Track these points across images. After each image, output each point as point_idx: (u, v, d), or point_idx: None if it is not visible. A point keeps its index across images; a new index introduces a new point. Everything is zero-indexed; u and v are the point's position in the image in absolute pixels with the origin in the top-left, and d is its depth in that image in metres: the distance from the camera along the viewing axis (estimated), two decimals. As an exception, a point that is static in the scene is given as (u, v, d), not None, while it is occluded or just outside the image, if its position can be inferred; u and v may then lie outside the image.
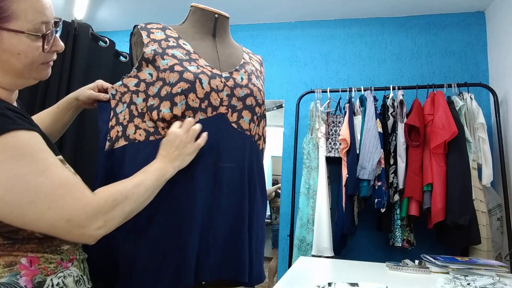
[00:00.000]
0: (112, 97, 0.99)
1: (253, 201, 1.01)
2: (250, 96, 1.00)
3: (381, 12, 2.59)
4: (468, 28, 2.49)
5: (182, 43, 1.00)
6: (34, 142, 0.63)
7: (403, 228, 2.05)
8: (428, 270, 1.36)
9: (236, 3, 2.58)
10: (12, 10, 0.64)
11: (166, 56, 0.94)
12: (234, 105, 0.98)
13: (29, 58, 0.68)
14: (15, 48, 0.66)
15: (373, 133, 2.03)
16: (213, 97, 0.94)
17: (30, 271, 0.65)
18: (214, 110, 0.95)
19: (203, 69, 0.96)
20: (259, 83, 1.08)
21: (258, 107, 1.02)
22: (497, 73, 2.31)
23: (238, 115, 0.98)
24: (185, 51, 0.98)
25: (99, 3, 2.69)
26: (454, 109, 2.00)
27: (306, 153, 2.24)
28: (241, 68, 1.05)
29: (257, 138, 1.06)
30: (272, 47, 2.79)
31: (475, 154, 1.98)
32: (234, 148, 0.96)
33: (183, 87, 0.90)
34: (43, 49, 0.69)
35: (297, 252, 2.13)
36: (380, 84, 2.46)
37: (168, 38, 0.99)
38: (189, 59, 0.96)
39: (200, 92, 0.92)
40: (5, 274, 0.62)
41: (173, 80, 0.91)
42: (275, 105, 2.71)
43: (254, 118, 1.01)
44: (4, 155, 0.59)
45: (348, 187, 2.03)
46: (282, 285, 1.09)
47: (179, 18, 1.23)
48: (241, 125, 0.99)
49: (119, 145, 0.93)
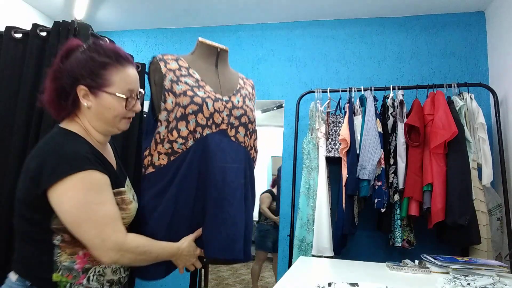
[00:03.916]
0: None
1: (246, 195, 1.25)
2: (244, 116, 1.27)
3: (381, 12, 2.59)
4: (468, 28, 2.49)
5: (192, 72, 1.25)
6: (102, 181, 0.94)
7: (403, 228, 2.05)
8: (428, 270, 1.36)
9: (236, 3, 2.58)
10: (111, 80, 0.98)
11: (180, 83, 1.19)
12: (232, 123, 1.23)
13: (116, 112, 1.00)
14: (108, 104, 0.99)
15: (373, 133, 2.03)
16: (216, 116, 1.20)
17: (82, 260, 0.95)
18: (217, 127, 1.20)
19: (208, 94, 1.21)
20: (251, 104, 1.35)
21: (250, 124, 1.29)
22: (497, 73, 2.31)
23: (235, 131, 1.24)
24: (195, 79, 1.23)
25: (99, 3, 2.69)
26: (454, 109, 2.00)
27: (306, 153, 2.24)
28: (238, 93, 1.32)
29: (250, 148, 1.31)
30: (272, 47, 2.79)
31: (475, 154, 1.98)
32: (234, 156, 1.21)
33: (193, 108, 1.16)
34: (126, 107, 1.01)
35: (297, 252, 2.13)
36: (380, 84, 2.46)
37: (181, 68, 1.24)
38: (198, 85, 1.22)
39: (206, 113, 1.18)
40: (67, 260, 0.93)
41: (186, 103, 1.16)
42: (275, 105, 2.71)
43: (247, 132, 1.28)
44: (81, 185, 0.90)
45: (348, 187, 2.03)
46: (282, 285, 1.09)
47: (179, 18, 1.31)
48: (238, 138, 1.25)
49: (149, 171, 1.20)
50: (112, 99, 0.99)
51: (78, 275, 0.94)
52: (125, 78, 1.01)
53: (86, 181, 0.90)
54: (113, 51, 1.01)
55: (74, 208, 0.89)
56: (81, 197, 0.89)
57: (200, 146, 1.16)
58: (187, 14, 2.77)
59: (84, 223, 0.90)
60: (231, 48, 2.81)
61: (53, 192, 0.88)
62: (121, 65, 1.01)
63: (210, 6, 2.65)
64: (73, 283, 0.93)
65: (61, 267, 0.92)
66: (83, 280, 0.94)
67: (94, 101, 0.99)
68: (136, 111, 1.06)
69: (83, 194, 0.90)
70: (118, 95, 0.99)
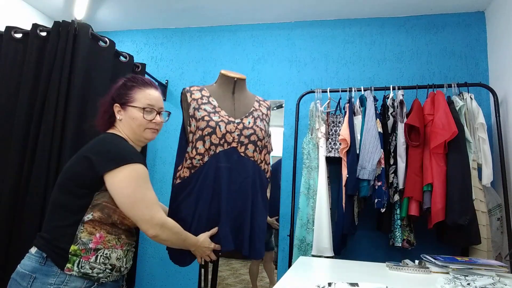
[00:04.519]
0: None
1: (255, 201, 1.48)
2: (254, 134, 1.50)
3: (381, 12, 2.59)
4: (468, 28, 2.49)
5: (211, 100, 1.53)
6: (147, 173, 1.23)
7: (403, 228, 2.04)
8: (428, 270, 1.36)
9: (236, 3, 2.58)
10: (134, 97, 1.32)
11: (200, 110, 1.47)
12: (242, 141, 1.48)
13: (138, 121, 1.30)
14: (132, 114, 1.30)
15: (373, 133, 2.03)
16: (227, 136, 1.45)
17: (97, 241, 1.16)
18: (229, 145, 1.45)
19: (222, 118, 1.47)
20: (262, 124, 1.56)
21: (259, 141, 1.51)
22: (497, 73, 2.31)
23: (245, 147, 1.48)
24: (212, 105, 1.51)
25: (99, 3, 2.69)
26: (454, 109, 2.00)
27: (306, 153, 2.24)
28: (250, 115, 1.55)
29: (259, 162, 1.53)
30: (272, 47, 2.79)
31: (475, 154, 1.98)
32: (242, 168, 1.46)
33: (208, 131, 1.43)
34: (144, 117, 1.30)
35: (297, 252, 2.13)
36: (380, 84, 2.46)
37: (203, 97, 1.52)
38: (214, 111, 1.48)
39: (219, 134, 1.44)
40: (86, 237, 1.15)
41: (203, 126, 1.43)
42: (275, 105, 2.71)
43: (256, 148, 1.50)
44: (134, 174, 1.18)
45: (348, 187, 2.03)
46: (282, 285, 1.09)
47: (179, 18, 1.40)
48: (247, 153, 1.48)
49: (177, 182, 1.49)
50: (134, 111, 1.30)
51: (89, 252, 1.14)
52: (146, 96, 1.33)
53: (137, 171, 1.19)
54: (141, 78, 1.37)
55: (130, 189, 1.16)
56: (134, 183, 1.17)
57: (214, 161, 1.43)
58: (187, 14, 2.77)
59: (138, 202, 1.17)
60: (231, 48, 2.83)
61: (110, 176, 1.15)
62: (144, 87, 1.34)
63: (210, 6, 2.65)
64: (81, 259, 1.12)
65: (79, 242, 1.13)
66: (92, 257, 1.14)
67: (124, 114, 1.31)
68: (156, 122, 1.34)
69: (135, 180, 1.18)
70: (138, 106, 1.30)
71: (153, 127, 1.33)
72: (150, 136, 1.34)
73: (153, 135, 1.35)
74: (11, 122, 1.96)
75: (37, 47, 2.04)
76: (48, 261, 1.11)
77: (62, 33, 2.00)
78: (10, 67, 2.05)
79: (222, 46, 2.87)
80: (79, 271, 1.11)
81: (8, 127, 1.95)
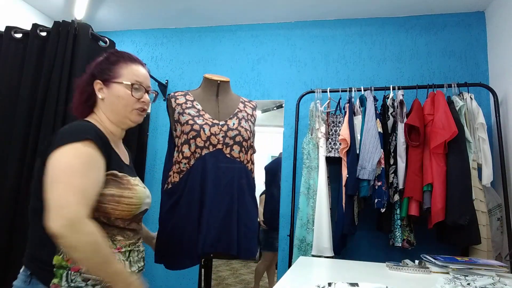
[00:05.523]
0: None
1: (242, 200, 1.48)
2: (239, 135, 1.50)
3: (381, 12, 2.59)
4: (468, 28, 2.49)
5: (195, 104, 1.54)
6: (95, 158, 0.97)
7: (403, 228, 2.04)
8: (428, 270, 1.36)
9: (236, 3, 2.58)
10: (120, 72, 1.11)
11: (184, 114, 1.49)
12: (228, 142, 1.48)
13: (124, 100, 1.10)
14: (117, 92, 1.09)
15: (373, 133, 2.03)
16: (212, 139, 1.46)
17: None
18: (214, 147, 1.46)
19: (206, 121, 1.48)
20: (247, 124, 1.56)
21: (244, 142, 1.51)
22: (497, 73, 2.31)
23: (230, 149, 1.48)
24: (196, 109, 1.52)
25: (99, 3, 2.69)
26: (454, 109, 2.00)
27: (306, 153, 2.24)
28: (234, 116, 1.56)
29: (246, 162, 1.53)
30: (272, 47, 2.79)
31: (475, 154, 1.98)
32: (228, 169, 1.46)
33: (192, 134, 1.44)
34: (132, 94, 1.10)
35: (297, 252, 2.13)
36: (380, 84, 2.46)
37: (187, 101, 1.54)
38: (198, 115, 1.50)
39: (204, 136, 1.45)
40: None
41: (187, 130, 1.45)
42: (275, 105, 2.71)
43: (242, 149, 1.50)
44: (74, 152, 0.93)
45: (348, 187, 2.03)
46: (282, 285, 1.09)
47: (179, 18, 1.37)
48: (233, 154, 1.49)
49: (168, 187, 1.49)
50: (120, 87, 1.09)
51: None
52: (133, 71, 1.12)
53: (79, 150, 0.93)
54: (126, 53, 1.16)
55: (57, 169, 0.91)
56: (67, 162, 0.91)
57: (200, 164, 1.43)
58: (187, 14, 2.77)
59: (56, 183, 0.89)
60: (231, 48, 2.83)
61: (49, 158, 0.92)
62: (130, 62, 1.14)
63: (210, 6, 2.65)
64: (69, 271, 0.93)
65: (63, 251, 0.93)
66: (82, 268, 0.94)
67: (107, 92, 1.10)
68: (145, 101, 1.14)
69: (70, 160, 0.92)
70: (125, 83, 1.09)
71: (141, 106, 1.13)
72: (137, 119, 1.14)
73: (140, 117, 1.15)
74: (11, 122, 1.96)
75: (37, 47, 2.04)
76: (33, 279, 0.93)
77: (62, 33, 2.00)
78: (10, 67, 2.05)
79: (222, 46, 2.87)
80: (69, 286, 0.92)
81: (8, 127, 1.95)
